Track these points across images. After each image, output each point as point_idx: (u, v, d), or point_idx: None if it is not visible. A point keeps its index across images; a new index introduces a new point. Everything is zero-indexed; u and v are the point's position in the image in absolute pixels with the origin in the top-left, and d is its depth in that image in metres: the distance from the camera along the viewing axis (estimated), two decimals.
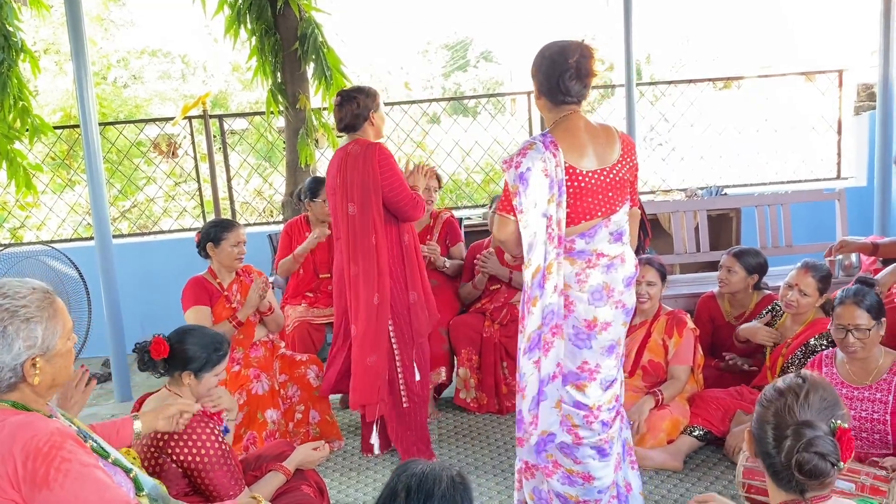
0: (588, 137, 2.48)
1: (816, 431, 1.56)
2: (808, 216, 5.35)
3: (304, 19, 5.16)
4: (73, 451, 1.64)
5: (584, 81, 2.46)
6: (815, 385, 1.64)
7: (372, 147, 3.27)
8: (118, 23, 13.03)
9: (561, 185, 2.40)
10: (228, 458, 2.35)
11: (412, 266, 3.41)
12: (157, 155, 8.90)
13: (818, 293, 3.28)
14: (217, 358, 2.50)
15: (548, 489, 2.69)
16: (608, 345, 2.56)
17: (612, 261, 2.53)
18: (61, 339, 1.71)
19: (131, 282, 5.45)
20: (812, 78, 6.40)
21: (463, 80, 21.44)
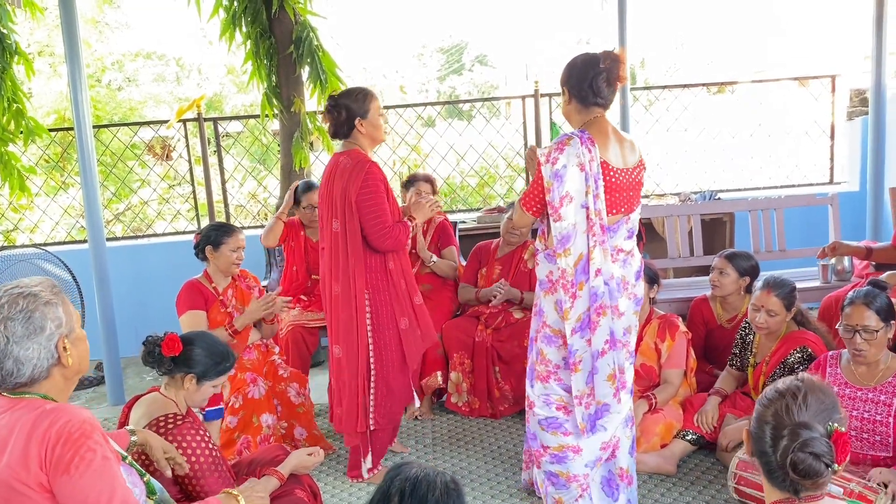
0: (616, 139, 2.70)
1: (812, 433, 1.57)
2: (801, 221, 5.37)
3: (299, 23, 5.16)
4: (100, 442, 1.68)
5: (613, 85, 2.69)
6: (813, 388, 1.66)
7: (362, 164, 3.08)
8: (113, 25, 13.01)
9: (598, 178, 2.60)
10: (220, 464, 2.36)
11: (399, 293, 3.22)
12: (152, 158, 8.88)
13: (785, 310, 3.26)
14: (223, 369, 2.53)
15: (542, 473, 2.85)
16: (623, 329, 2.77)
17: (626, 256, 2.75)
18: (77, 323, 1.78)
19: (125, 285, 5.43)
20: (805, 83, 6.43)
21: (458, 83, 21.46)
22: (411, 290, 3.30)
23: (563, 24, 21.65)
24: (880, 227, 5.14)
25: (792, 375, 2.69)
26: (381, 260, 3.19)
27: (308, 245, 4.29)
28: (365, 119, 3.15)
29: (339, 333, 3.23)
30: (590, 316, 2.66)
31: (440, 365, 4.10)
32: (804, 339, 3.22)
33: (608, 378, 2.72)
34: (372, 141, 3.23)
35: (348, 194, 3.08)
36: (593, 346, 2.68)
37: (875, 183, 5.15)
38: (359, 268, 3.15)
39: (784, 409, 1.62)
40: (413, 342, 3.29)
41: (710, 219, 5.29)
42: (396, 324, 3.23)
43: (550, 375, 2.79)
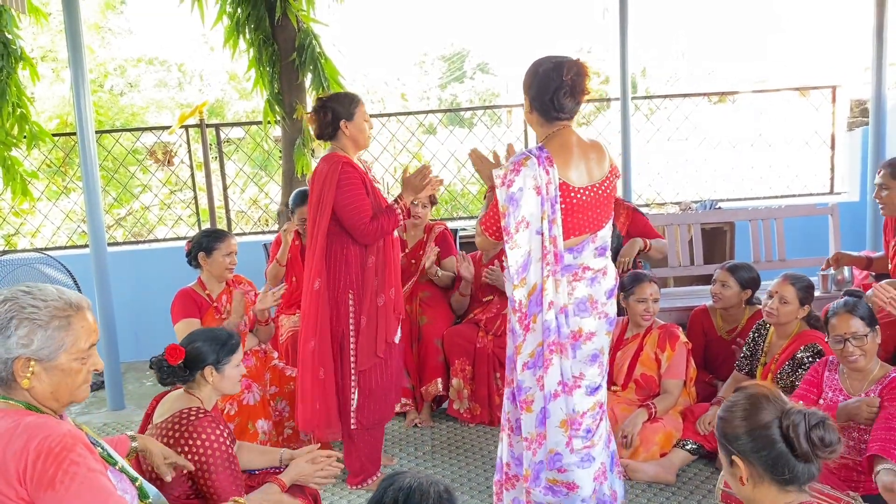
0: (580, 153, 2.52)
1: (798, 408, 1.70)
2: (801, 230, 5.38)
3: (301, 30, 5.19)
4: (83, 455, 1.65)
5: (577, 99, 2.49)
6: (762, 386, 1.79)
7: (336, 164, 3.14)
8: (116, 31, 13.06)
9: (554, 203, 2.43)
10: (233, 463, 2.37)
11: (366, 289, 3.22)
12: (153, 163, 8.90)
13: (798, 302, 3.28)
14: (232, 346, 2.53)
15: (528, 501, 2.70)
16: (592, 353, 2.62)
17: (595, 274, 2.59)
18: (66, 355, 1.69)
19: (125, 290, 5.43)
20: (806, 93, 6.45)
21: (459, 91, 21.52)
22: (379, 289, 3.26)
23: (565, 32, 21.73)
24: (880, 237, 5.13)
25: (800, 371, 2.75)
26: (360, 256, 3.22)
27: (305, 253, 4.29)
28: (350, 122, 3.21)
29: (313, 328, 3.22)
30: (543, 352, 2.50)
31: (440, 372, 4.10)
32: (815, 338, 3.23)
33: (560, 424, 2.55)
34: (355, 145, 3.27)
35: (325, 196, 3.15)
36: (546, 388, 2.52)
37: None
38: (338, 265, 3.21)
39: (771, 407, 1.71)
40: (366, 344, 3.24)
41: (711, 228, 5.30)
42: (358, 321, 3.24)
43: (523, 412, 2.64)
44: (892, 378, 2.75)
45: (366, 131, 3.27)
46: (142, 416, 4.01)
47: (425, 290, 4.29)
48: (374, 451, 3.44)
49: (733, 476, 1.76)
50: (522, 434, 2.60)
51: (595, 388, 2.66)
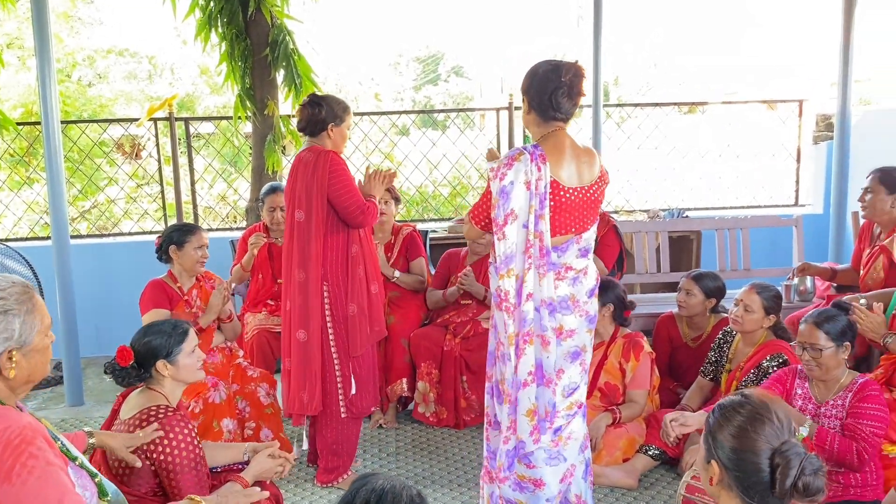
0: (573, 155, 2.60)
1: (800, 448, 1.63)
2: (766, 241, 5.46)
3: (275, 26, 5.14)
4: (42, 448, 1.63)
5: (574, 100, 2.59)
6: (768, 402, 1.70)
7: (325, 154, 3.21)
8: (85, 21, 12.83)
9: (543, 199, 2.50)
10: (199, 464, 2.35)
11: (355, 278, 3.28)
12: (121, 156, 8.76)
13: (764, 311, 3.33)
14: (180, 336, 2.49)
15: (498, 494, 2.74)
16: (573, 350, 2.67)
17: (578, 274, 2.64)
18: (39, 335, 1.72)
19: (88, 284, 5.33)
20: (774, 106, 6.56)
21: (434, 93, 21.52)
22: (370, 278, 3.35)
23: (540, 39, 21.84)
24: (842, 249, 5.25)
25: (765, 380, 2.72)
26: (343, 246, 3.26)
27: (273, 251, 4.26)
28: (337, 127, 3.29)
29: (305, 318, 3.25)
30: (518, 342, 2.57)
31: (406, 372, 4.09)
32: (781, 347, 3.27)
33: (527, 413, 2.61)
34: (334, 148, 3.32)
35: (316, 185, 3.17)
36: (518, 375, 2.59)
37: (838, 206, 5.26)
38: (320, 255, 3.22)
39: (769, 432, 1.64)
40: (360, 330, 3.31)
41: (678, 236, 5.36)
42: (346, 308, 3.28)
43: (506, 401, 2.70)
44: (860, 384, 2.79)
45: (346, 140, 3.40)
46: (102, 412, 3.96)
47: (394, 290, 4.28)
48: (354, 443, 3.47)
49: (705, 470, 1.74)
50: (501, 424, 2.65)
51: (574, 388, 2.70)
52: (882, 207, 3.65)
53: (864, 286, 3.73)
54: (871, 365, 3.46)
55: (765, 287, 3.37)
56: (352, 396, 3.35)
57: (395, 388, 4.08)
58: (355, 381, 3.35)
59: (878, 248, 3.71)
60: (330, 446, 3.39)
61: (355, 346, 3.32)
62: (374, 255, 3.42)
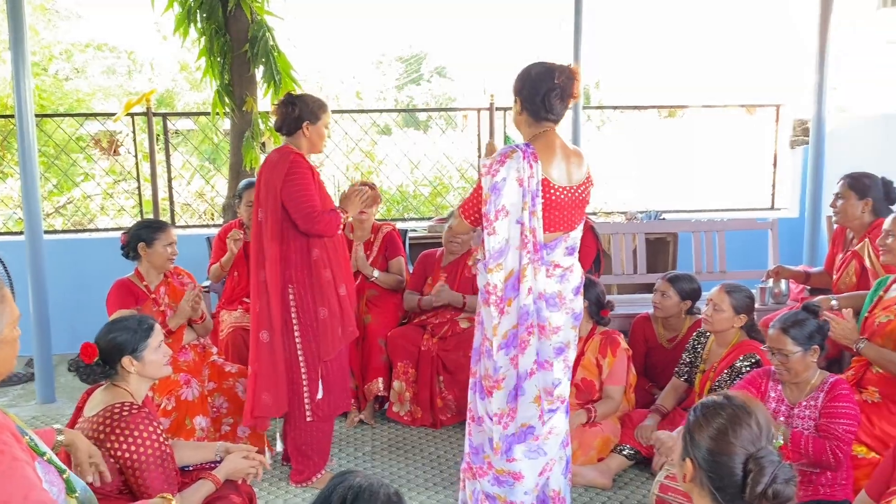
0: (563, 154, 2.65)
1: (774, 456, 1.64)
2: (741, 244, 5.51)
3: (255, 22, 5.11)
4: (8, 443, 1.61)
5: (566, 102, 2.64)
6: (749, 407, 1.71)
7: (287, 155, 3.18)
8: (63, 14, 12.66)
9: (535, 195, 2.55)
10: (166, 461, 2.33)
11: (321, 281, 3.24)
12: (98, 151, 8.66)
13: (733, 310, 3.34)
14: (145, 331, 2.46)
15: (479, 490, 2.78)
16: (558, 346, 2.72)
17: (564, 271, 2.70)
18: (8, 327, 1.70)
19: (62, 280, 5.27)
20: (752, 111, 6.63)
21: (416, 93, 21.51)
22: (337, 280, 3.31)
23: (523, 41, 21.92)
24: (816, 253, 5.32)
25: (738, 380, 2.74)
26: (303, 249, 3.23)
27: (248, 248, 4.23)
28: (312, 125, 3.26)
29: (267, 319, 3.23)
30: (518, 334, 2.62)
31: (383, 372, 4.08)
32: (754, 348, 3.30)
33: (534, 400, 2.68)
34: (311, 147, 3.31)
35: (272, 184, 3.16)
36: (521, 367, 2.64)
37: (813, 211, 5.33)
38: (278, 256, 3.20)
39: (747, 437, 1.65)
40: (331, 333, 3.29)
41: (655, 238, 5.39)
42: (316, 313, 3.26)
43: (493, 389, 2.74)
44: (831, 383, 2.82)
45: (323, 138, 3.35)
46: (74, 409, 3.91)
47: (372, 289, 4.27)
48: (325, 444, 3.44)
49: (680, 466, 1.75)
50: (493, 410, 2.67)
51: (557, 383, 2.74)
52: (853, 213, 3.70)
53: (836, 290, 3.78)
54: (842, 366, 3.50)
55: (734, 287, 3.40)
56: (318, 400, 3.31)
57: (371, 388, 4.07)
58: (323, 385, 3.32)
59: (850, 252, 3.75)
60: (299, 448, 3.37)
61: (326, 350, 3.29)
62: (343, 257, 3.37)
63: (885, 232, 3.14)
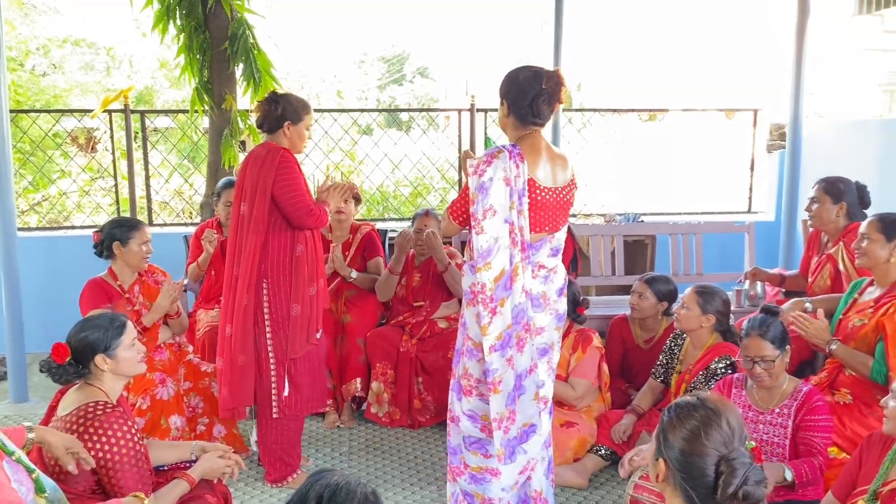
0: (548, 156, 2.69)
1: (746, 458, 1.65)
2: (718, 246, 5.56)
3: (235, 19, 5.08)
4: None
5: (553, 106, 2.67)
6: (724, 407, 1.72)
7: (276, 150, 3.18)
8: (40, 8, 12.50)
9: (522, 195, 2.58)
10: (140, 461, 2.31)
11: (300, 277, 3.24)
12: (75, 148, 8.56)
13: (700, 309, 3.36)
14: (118, 329, 2.43)
15: (458, 490, 2.80)
16: (542, 347, 2.75)
17: (549, 272, 2.73)
18: None
19: (36, 278, 5.20)
20: (731, 115, 6.68)
21: (398, 93, 21.51)
22: (310, 280, 3.29)
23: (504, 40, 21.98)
24: (791, 256, 5.37)
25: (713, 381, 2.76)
26: (286, 245, 3.21)
27: (226, 247, 4.20)
28: (294, 126, 3.24)
29: (234, 314, 3.21)
30: (513, 334, 2.63)
31: (361, 372, 4.07)
32: (729, 349, 3.33)
33: (534, 397, 2.70)
34: (291, 147, 3.28)
35: (261, 179, 3.14)
36: (520, 366, 2.65)
37: (789, 214, 5.39)
38: (258, 249, 3.18)
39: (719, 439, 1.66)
40: (300, 332, 3.27)
41: (633, 240, 5.42)
42: (288, 309, 3.24)
43: (473, 390, 2.75)
44: (805, 393, 2.85)
45: (304, 139, 3.32)
46: (46, 409, 3.86)
47: (351, 289, 4.26)
48: (293, 444, 3.42)
49: (653, 466, 1.76)
50: (492, 416, 2.65)
51: (540, 385, 2.76)
52: (828, 217, 3.74)
53: (811, 293, 3.82)
54: (815, 368, 3.54)
55: (705, 288, 3.43)
56: (285, 397, 3.29)
57: (349, 388, 4.06)
58: (290, 382, 3.29)
59: (825, 256, 3.79)
60: (268, 446, 3.36)
61: (294, 348, 3.27)
62: (319, 257, 3.36)
63: (861, 235, 3.17)
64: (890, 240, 3.07)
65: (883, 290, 3.12)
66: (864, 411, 3.05)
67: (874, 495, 2.20)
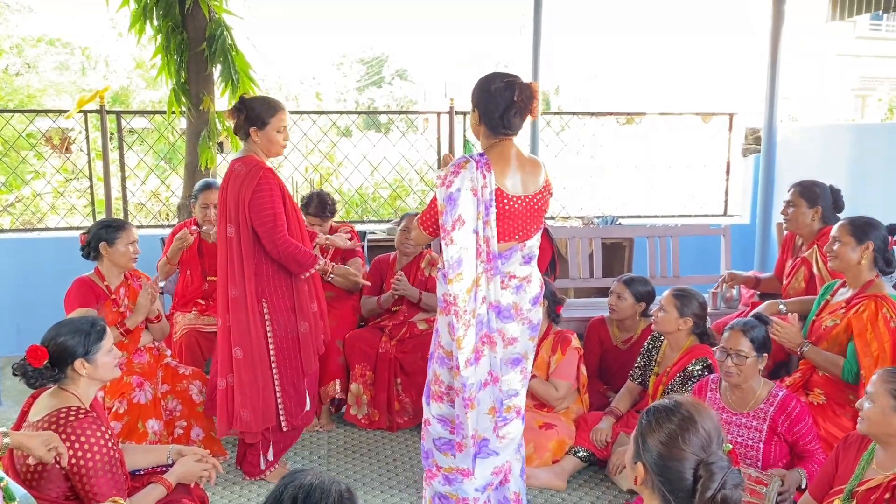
0: (517, 165, 2.66)
1: (723, 462, 1.66)
2: (695, 249, 5.62)
3: (213, 20, 5.04)
4: None
5: (524, 118, 2.66)
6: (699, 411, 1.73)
7: (256, 170, 3.11)
8: (14, 7, 12.33)
9: (489, 205, 2.57)
10: (115, 466, 2.28)
11: (301, 295, 3.25)
12: (49, 149, 8.44)
13: (677, 312, 3.40)
14: (98, 334, 2.40)
15: (434, 493, 2.80)
16: (513, 357, 2.73)
17: (521, 282, 2.70)
18: None
19: (9, 280, 5.13)
20: (707, 119, 6.76)
21: (377, 95, 21.48)
22: (316, 293, 3.34)
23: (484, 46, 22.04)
24: (766, 258, 5.45)
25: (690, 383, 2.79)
26: (275, 265, 3.20)
27: (203, 247, 4.18)
28: (260, 131, 3.16)
29: (238, 335, 3.21)
30: (477, 345, 2.63)
31: (340, 374, 4.06)
32: (705, 352, 3.37)
33: (489, 411, 2.71)
34: (266, 151, 3.23)
35: (241, 199, 3.10)
36: (477, 377, 2.64)
37: (764, 217, 5.46)
38: (252, 273, 3.16)
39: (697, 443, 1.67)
40: (311, 346, 3.33)
41: (611, 243, 5.47)
42: (297, 328, 3.26)
43: (444, 396, 2.76)
44: (781, 399, 2.89)
45: (277, 143, 3.21)
46: (18, 413, 3.80)
47: (329, 291, 4.24)
48: (287, 446, 3.51)
49: (632, 469, 1.76)
50: (468, 431, 2.65)
51: (513, 394, 2.76)
52: (804, 220, 3.78)
53: (786, 295, 3.87)
54: (790, 369, 3.59)
55: (682, 291, 3.47)
56: (294, 411, 3.35)
57: (327, 390, 4.04)
58: (295, 393, 3.35)
59: (799, 259, 3.84)
60: (257, 447, 3.39)
61: (308, 364, 3.33)
62: (316, 274, 3.33)
63: (832, 238, 3.22)
64: (860, 242, 3.12)
65: (854, 290, 3.17)
66: (837, 411, 3.10)
67: (850, 495, 2.24)
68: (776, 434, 2.89)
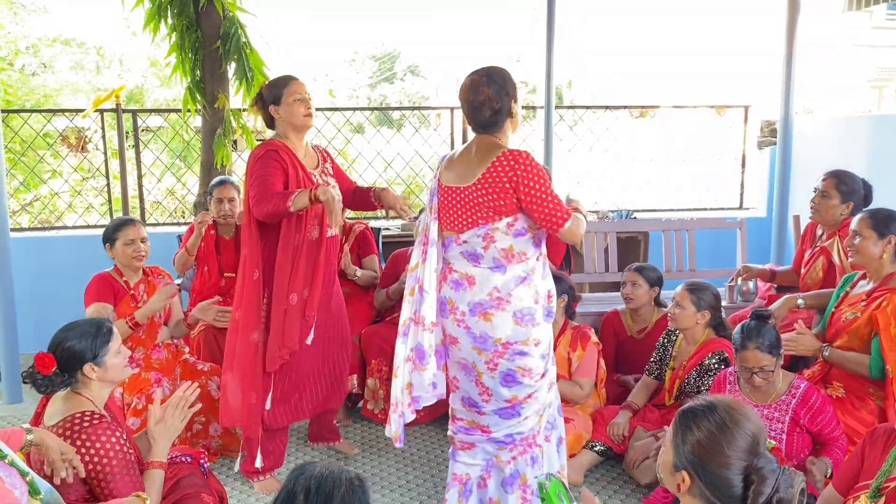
0: (464, 156, 2.66)
1: (773, 464, 1.58)
2: (710, 243, 5.59)
3: (227, 18, 5.07)
4: None
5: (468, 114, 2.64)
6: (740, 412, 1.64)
7: (266, 146, 3.10)
8: (29, 8, 12.44)
9: (434, 194, 2.71)
10: (132, 467, 2.27)
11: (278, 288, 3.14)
12: (66, 148, 8.52)
13: (694, 307, 3.39)
14: (105, 336, 2.37)
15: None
16: (459, 362, 2.72)
17: (461, 279, 2.63)
18: None
19: (28, 278, 5.18)
20: (722, 111, 6.72)
21: (389, 91, 21.49)
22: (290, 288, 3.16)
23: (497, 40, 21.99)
24: (783, 251, 5.41)
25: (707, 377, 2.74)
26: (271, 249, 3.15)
27: (220, 243, 4.21)
28: (278, 106, 3.14)
29: (260, 319, 3.20)
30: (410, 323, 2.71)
31: (356, 369, 4.07)
32: (722, 345, 3.35)
33: (406, 387, 2.71)
34: (292, 127, 3.16)
35: (246, 173, 3.12)
36: (405, 350, 2.71)
37: (780, 210, 5.42)
38: (267, 259, 3.15)
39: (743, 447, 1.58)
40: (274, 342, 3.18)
41: (626, 237, 5.45)
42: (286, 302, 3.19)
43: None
44: (803, 392, 2.88)
45: (298, 113, 3.11)
46: None
47: (346, 287, 4.25)
48: (278, 448, 3.42)
49: (672, 476, 1.65)
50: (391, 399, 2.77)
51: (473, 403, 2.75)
52: (833, 214, 3.64)
53: (803, 286, 3.82)
54: (808, 362, 3.56)
55: (696, 285, 3.46)
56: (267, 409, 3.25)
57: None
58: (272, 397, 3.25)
59: (819, 248, 3.79)
60: (253, 443, 3.34)
61: (270, 362, 3.18)
62: (319, 265, 3.21)
63: (853, 233, 3.14)
64: (882, 236, 3.07)
65: (875, 283, 3.13)
66: (856, 405, 3.07)
67: (877, 491, 2.19)
68: (798, 426, 2.88)
